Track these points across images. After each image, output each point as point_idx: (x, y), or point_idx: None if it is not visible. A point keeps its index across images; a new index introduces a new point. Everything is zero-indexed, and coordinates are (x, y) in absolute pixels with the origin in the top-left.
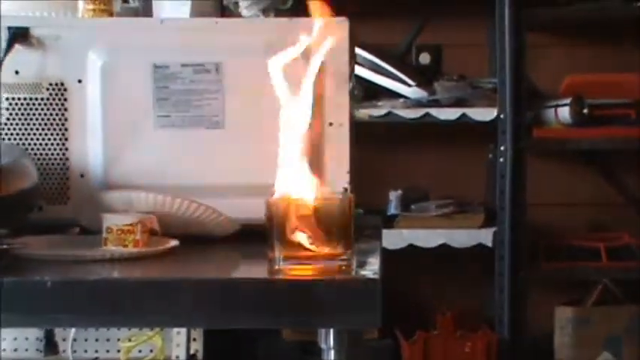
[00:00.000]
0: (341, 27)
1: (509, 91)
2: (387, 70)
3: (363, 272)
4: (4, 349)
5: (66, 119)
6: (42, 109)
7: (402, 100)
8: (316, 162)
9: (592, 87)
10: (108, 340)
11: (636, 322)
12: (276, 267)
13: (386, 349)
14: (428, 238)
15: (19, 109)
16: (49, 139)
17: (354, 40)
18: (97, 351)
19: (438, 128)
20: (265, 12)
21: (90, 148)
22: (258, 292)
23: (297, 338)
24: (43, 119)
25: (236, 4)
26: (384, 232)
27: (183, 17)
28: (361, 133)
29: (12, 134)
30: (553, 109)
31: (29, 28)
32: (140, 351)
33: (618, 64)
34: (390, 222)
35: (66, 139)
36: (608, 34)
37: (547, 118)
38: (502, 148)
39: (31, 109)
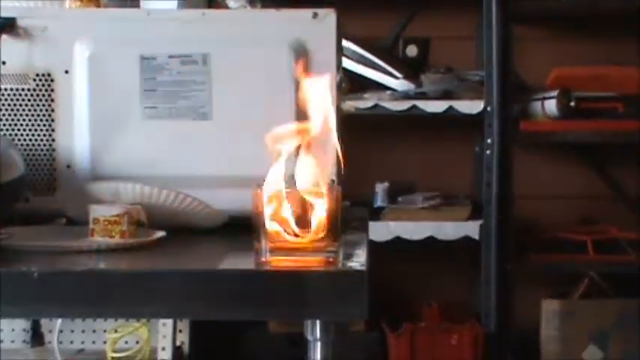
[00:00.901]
0: (328, 19)
1: (496, 84)
2: (374, 62)
3: (349, 264)
4: None
5: (53, 110)
6: (29, 100)
7: (389, 92)
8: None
9: (579, 80)
10: (94, 331)
11: (623, 316)
12: (263, 258)
13: (372, 340)
14: (415, 230)
15: (6, 99)
16: (36, 130)
17: (342, 32)
18: (83, 342)
19: (425, 120)
20: (252, 3)
21: (77, 138)
22: (245, 284)
23: (283, 330)
24: (29, 110)
25: None
26: (371, 224)
27: (171, 9)
28: (348, 125)
29: None
30: (540, 102)
31: (16, 18)
32: (126, 342)
33: (606, 57)
34: (376, 214)
35: (53, 130)
36: (596, 27)
37: (534, 111)
38: (489, 140)
39: (17, 99)
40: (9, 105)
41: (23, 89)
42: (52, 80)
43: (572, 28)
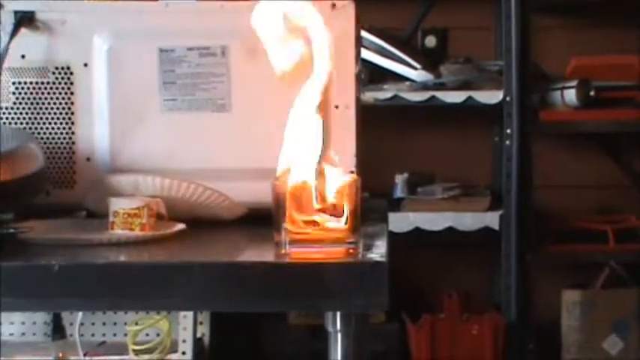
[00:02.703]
0: (347, 10)
1: (515, 74)
2: (393, 53)
3: (369, 255)
4: (13, 334)
5: (72, 103)
6: (48, 93)
7: (407, 83)
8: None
9: (598, 69)
10: (115, 324)
11: None
12: (283, 251)
13: (393, 332)
14: (434, 221)
15: (26, 93)
16: (56, 123)
17: (360, 23)
18: (104, 335)
19: (444, 111)
20: None
21: (96, 131)
22: (265, 276)
23: (303, 322)
24: (49, 103)
25: None
26: (390, 215)
27: (189, 1)
28: (367, 116)
29: (18, 118)
30: (559, 92)
31: (35, 12)
32: (147, 335)
33: (624, 47)
34: (396, 205)
35: (72, 123)
36: (615, 16)
37: (553, 101)
38: (508, 130)
39: (37, 93)
40: (28, 98)
41: (42, 82)
42: (71, 73)
43: (590, 16)
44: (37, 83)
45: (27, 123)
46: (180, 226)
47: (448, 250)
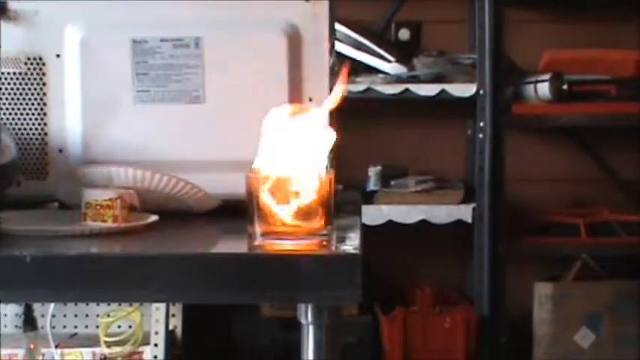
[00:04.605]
0: (321, 3)
1: (488, 67)
2: (366, 46)
3: (343, 247)
4: None
5: (44, 94)
6: (20, 84)
7: (381, 75)
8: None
9: (571, 63)
10: (87, 315)
11: (616, 298)
12: (256, 242)
13: (365, 324)
14: (407, 214)
15: None
16: (28, 114)
17: (334, 16)
18: (76, 327)
19: (418, 104)
20: None
21: (69, 122)
22: (238, 268)
23: (275, 314)
24: (21, 94)
25: None
26: (364, 208)
27: None
28: (340, 108)
29: None
30: (532, 85)
31: (6, 1)
32: (119, 326)
33: (598, 40)
34: (369, 198)
35: (44, 114)
36: (589, 10)
37: (526, 94)
38: (481, 124)
39: (9, 83)
40: (0, 89)
41: (15, 73)
42: (43, 64)
43: (564, 10)
44: (8, 74)
45: None
46: (153, 217)
47: (421, 242)
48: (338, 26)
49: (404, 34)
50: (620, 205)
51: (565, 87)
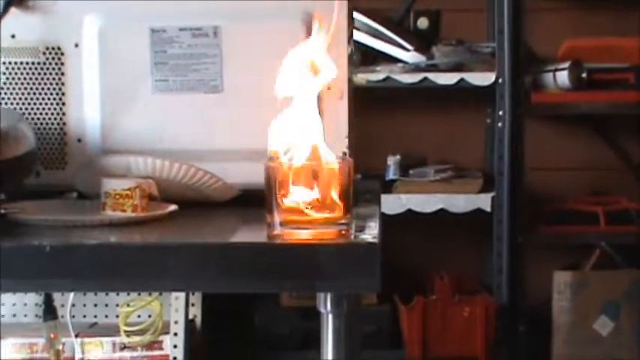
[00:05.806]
0: None
1: (507, 56)
2: (385, 34)
3: (362, 237)
4: (4, 315)
5: (63, 83)
6: (39, 74)
7: (400, 64)
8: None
9: (590, 51)
10: (106, 305)
11: (634, 286)
12: (275, 231)
13: (384, 314)
14: (426, 203)
15: (16, 73)
16: (46, 104)
17: (353, 5)
18: (95, 316)
19: (437, 93)
20: None
21: (87, 112)
22: (257, 257)
23: (294, 304)
24: (40, 83)
25: None
26: (383, 197)
27: None
28: (359, 97)
29: (9, 99)
30: (551, 74)
31: None
32: (139, 316)
33: (617, 29)
34: (388, 187)
35: (63, 104)
36: None
37: (545, 83)
38: (500, 112)
39: (27, 73)
40: (19, 79)
41: (33, 63)
42: (62, 54)
43: None
44: (27, 63)
45: (17, 103)
46: (172, 207)
47: (440, 231)
48: (356, 15)
49: (423, 22)
50: (639, 193)
51: (584, 75)
